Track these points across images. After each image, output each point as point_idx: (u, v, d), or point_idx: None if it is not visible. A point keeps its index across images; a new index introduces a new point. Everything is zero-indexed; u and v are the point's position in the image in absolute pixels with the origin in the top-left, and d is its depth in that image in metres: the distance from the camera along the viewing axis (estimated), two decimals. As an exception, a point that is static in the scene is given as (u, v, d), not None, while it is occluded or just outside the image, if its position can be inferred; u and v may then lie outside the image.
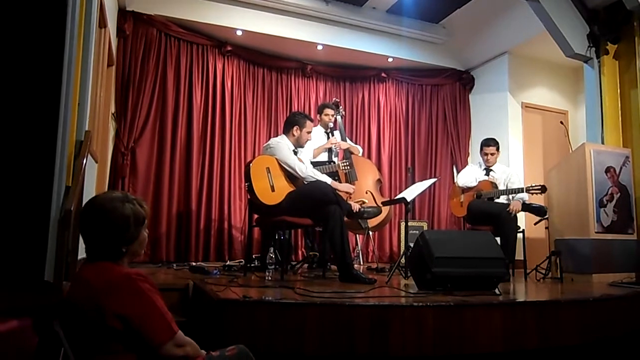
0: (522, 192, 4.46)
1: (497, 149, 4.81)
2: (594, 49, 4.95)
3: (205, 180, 5.54)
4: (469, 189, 4.73)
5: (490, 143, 4.79)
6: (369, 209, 3.95)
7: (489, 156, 4.77)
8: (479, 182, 4.74)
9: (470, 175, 4.78)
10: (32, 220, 2.12)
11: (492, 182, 4.68)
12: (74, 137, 2.60)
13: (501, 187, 4.66)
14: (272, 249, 3.48)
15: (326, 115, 4.86)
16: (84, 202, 2.39)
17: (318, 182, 3.68)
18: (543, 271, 4.27)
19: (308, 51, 6.16)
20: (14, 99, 2.13)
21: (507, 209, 4.36)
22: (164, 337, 1.45)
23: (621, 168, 4.46)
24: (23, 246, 2.10)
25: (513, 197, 4.59)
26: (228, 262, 4.51)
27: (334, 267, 3.97)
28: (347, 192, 3.91)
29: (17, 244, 2.08)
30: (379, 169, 5.60)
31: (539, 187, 4.34)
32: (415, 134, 6.80)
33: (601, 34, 4.88)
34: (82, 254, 2.51)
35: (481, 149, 4.85)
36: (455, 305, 2.36)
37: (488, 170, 4.80)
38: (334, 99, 5.43)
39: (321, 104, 5.31)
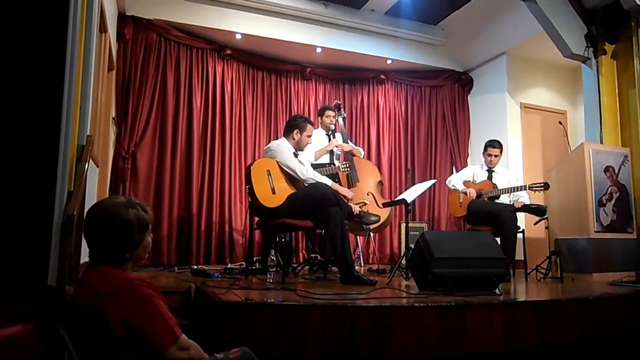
0: (524, 189, 4.48)
1: (501, 152, 4.83)
2: (591, 49, 4.98)
3: (205, 184, 5.55)
4: (455, 190, 4.76)
5: (494, 145, 4.80)
6: (368, 216, 3.97)
7: (493, 157, 4.79)
8: (480, 182, 4.76)
9: (458, 179, 4.82)
10: (35, 224, 2.13)
11: (493, 183, 4.70)
12: (75, 142, 2.61)
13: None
14: (273, 252, 3.48)
15: (327, 117, 4.87)
16: (86, 207, 2.41)
17: (318, 184, 3.70)
18: (543, 271, 4.28)
19: (307, 54, 6.18)
20: (17, 104, 2.14)
21: (510, 207, 4.39)
22: (167, 341, 1.46)
23: (620, 167, 4.48)
24: (26, 250, 2.10)
25: (517, 198, 4.60)
26: (229, 265, 4.53)
27: (335, 268, 3.98)
28: (345, 197, 3.91)
29: (20, 248, 2.09)
30: (379, 170, 5.61)
31: (542, 185, 4.35)
32: (415, 136, 6.82)
33: (599, 34, 4.91)
34: (84, 258, 2.52)
35: (485, 150, 4.86)
36: (456, 305, 2.38)
37: (490, 172, 4.82)
38: (335, 101, 5.45)
39: (322, 106, 5.32)
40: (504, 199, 4.63)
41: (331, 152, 4.78)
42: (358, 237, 5.54)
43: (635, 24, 4.70)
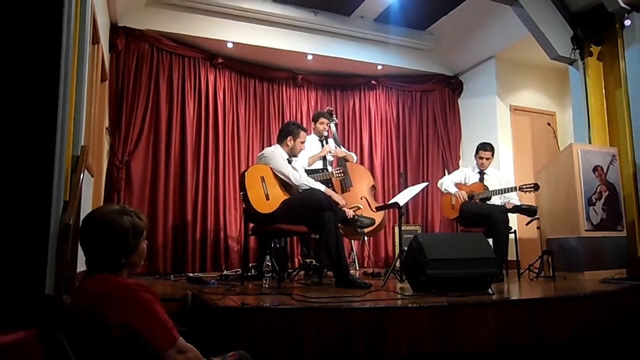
0: (515, 190, 4.54)
1: (493, 154, 4.89)
2: (578, 51, 5.05)
3: (200, 191, 5.57)
4: (447, 193, 4.82)
5: (486, 148, 4.86)
6: (363, 219, 4.01)
7: (484, 160, 4.84)
8: (472, 184, 4.82)
9: (450, 181, 4.89)
10: (31, 234, 2.15)
11: (484, 184, 4.76)
12: (70, 152, 2.63)
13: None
14: (268, 257, 3.51)
15: (321, 123, 4.91)
16: (81, 216, 2.43)
17: (312, 189, 3.73)
18: (536, 270, 4.33)
19: (298, 61, 6.24)
20: (12, 116, 2.17)
21: (501, 208, 4.45)
22: (165, 344, 1.48)
23: (608, 167, 4.55)
24: (23, 260, 2.12)
25: (508, 200, 4.65)
26: (225, 272, 4.54)
27: (330, 273, 4.01)
28: (337, 203, 3.93)
29: (17, 258, 2.11)
30: (372, 174, 5.66)
31: (532, 185, 4.42)
32: (407, 140, 6.88)
33: (584, 37, 4.98)
34: (80, 267, 2.54)
35: (477, 153, 4.91)
36: (450, 305, 2.42)
37: (482, 174, 4.88)
38: (327, 107, 5.49)
39: (316, 112, 5.36)
40: (495, 200, 4.68)
41: (324, 158, 4.82)
42: (352, 241, 5.57)
43: (620, 25, 4.78)
